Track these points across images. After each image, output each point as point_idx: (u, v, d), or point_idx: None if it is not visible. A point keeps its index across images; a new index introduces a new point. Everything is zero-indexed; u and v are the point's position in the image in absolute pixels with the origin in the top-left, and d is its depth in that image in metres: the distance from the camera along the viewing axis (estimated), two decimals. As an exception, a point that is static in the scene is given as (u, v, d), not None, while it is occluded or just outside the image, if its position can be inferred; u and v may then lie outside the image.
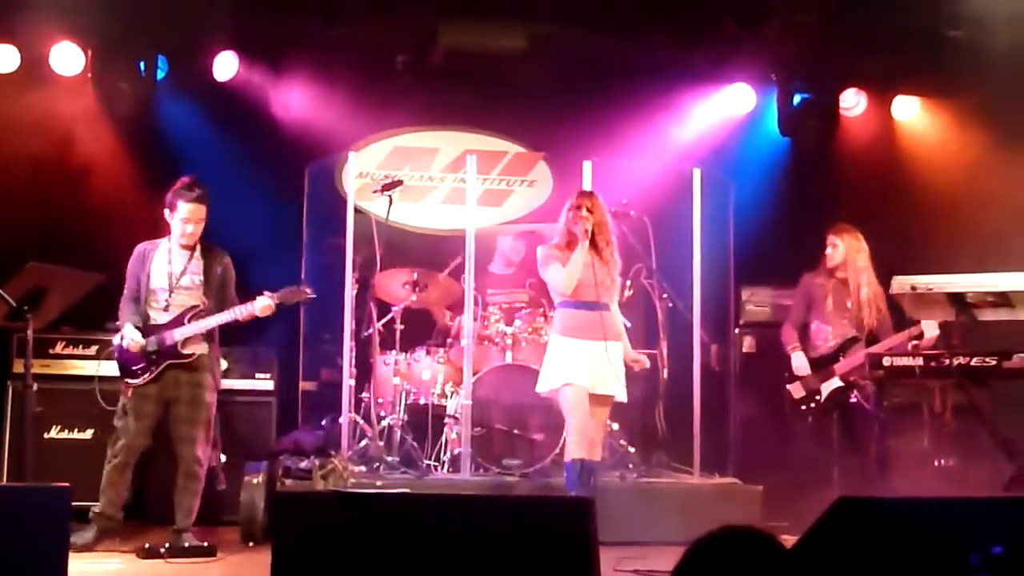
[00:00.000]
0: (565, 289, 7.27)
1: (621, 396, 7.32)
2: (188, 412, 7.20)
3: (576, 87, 9.77)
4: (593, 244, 7.30)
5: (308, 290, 7.44)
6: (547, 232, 9.13)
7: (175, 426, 7.23)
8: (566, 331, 7.30)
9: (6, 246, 6.84)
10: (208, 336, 7.32)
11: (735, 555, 2.79)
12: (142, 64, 9.06)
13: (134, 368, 7.14)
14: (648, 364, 7.87)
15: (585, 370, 7.18)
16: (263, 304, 7.23)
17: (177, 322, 7.19)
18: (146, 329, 7.17)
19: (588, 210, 7.30)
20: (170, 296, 7.24)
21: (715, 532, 2.86)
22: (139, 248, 7.35)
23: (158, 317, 7.23)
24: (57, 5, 8.25)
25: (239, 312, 7.24)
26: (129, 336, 7.11)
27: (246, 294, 7.42)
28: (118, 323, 7.26)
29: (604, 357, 7.20)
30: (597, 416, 7.28)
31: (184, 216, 7.24)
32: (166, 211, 7.29)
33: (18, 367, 8.10)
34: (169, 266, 7.28)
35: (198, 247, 7.37)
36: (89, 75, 9.05)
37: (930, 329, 7.73)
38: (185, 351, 7.20)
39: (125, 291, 7.29)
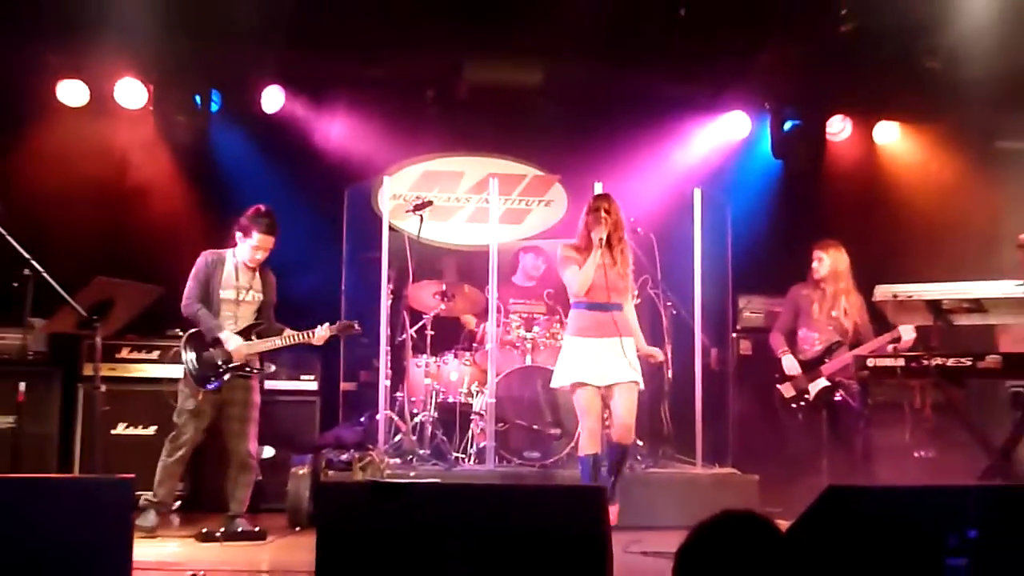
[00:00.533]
0: (579, 290, 7.08)
1: (637, 379, 7.06)
2: (241, 412, 7.23)
3: (587, 116, 9.77)
4: (608, 246, 7.10)
5: (357, 326, 7.50)
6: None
7: (229, 424, 7.24)
8: (578, 331, 7.11)
9: (77, 262, 6.86)
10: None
11: (735, 536, 2.81)
12: (198, 98, 9.10)
13: (209, 376, 7.13)
14: (663, 357, 7.81)
15: (597, 368, 6.99)
16: (321, 334, 7.29)
17: (244, 336, 7.21)
18: (215, 341, 7.16)
19: (606, 211, 7.09)
20: (237, 309, 7.26)
21: (717, 515, 2.90)
22: (208, 256, 7.32)
23: (236, 336, 7.21)
24: (121, 45, 8.27)
25: (301, 337, 7.28)
26: (236, 345, 7.12)
27: (292, 304, 7.44)
28: (207, 331, 7.18)
29: (618, 351, 6.98)
30: (625, 402, 7.02)
31: (255, 244, 7.26)
32: (238, 233, 7.29)
33: (88, 370, 8.16)
34: (236, 281, 7.29)
35: (258, 270, 7.39)
36: (150, 108, 9.11)
37: (907, 332, 7.74)
38: (252, 365, 7.24)
39: (194, 295, 7.21)
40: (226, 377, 7.15)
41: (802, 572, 2.77)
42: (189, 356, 7.19)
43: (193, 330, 7.23)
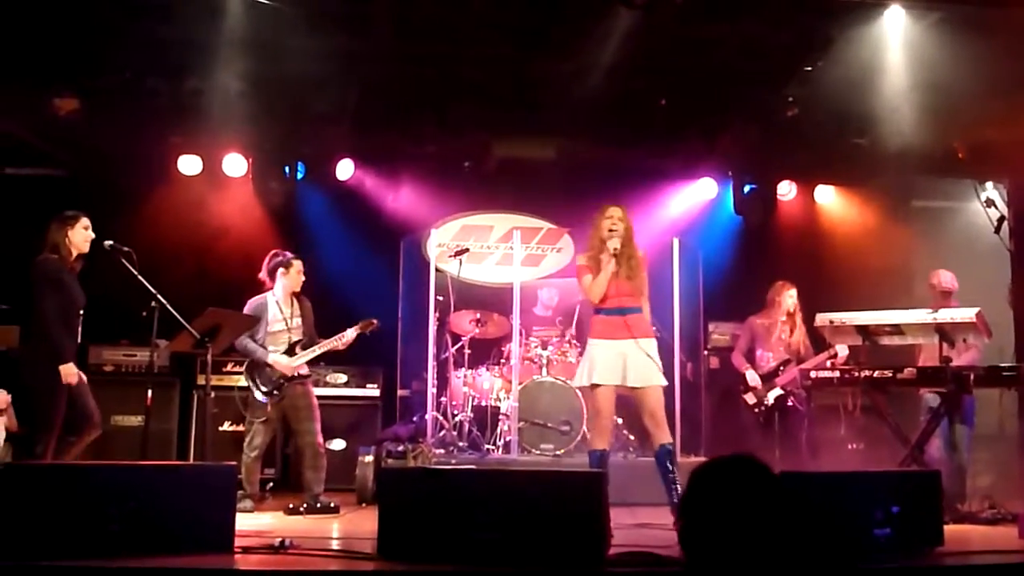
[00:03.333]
0: (593, 299, 6.12)
1: (660, 380, 6.03)
2: (307, 414, 7.12)
3: (590, 182, 9.75)
4: (620, 254, 6.13)
5: (375, 321, 7.36)
6: (569, 287, 9.24)
7: (300, 425, 7.13)
8: (596, 334, 6.13)
9: (191, 297, 6.89)
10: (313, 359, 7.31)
11: (732, 474, 2.54)
12: (287, 168, 9.16)
13: (272, 391, 7.07)
14: None
15: (614, 369, 6.00)
16: (348, 338, 7.21)
17: (290, 352, 7.14)
18: (265, 364, 7.09)
19: (619, 219, 6.19)
20: (289, 335, 7.19)
21: (714, 458, 2.64)
22: (255, 302, 7.19)
23: (278, 351, 7.15)
24: (228, 126, 8.33)
25: (336, 341, 7.20)
26: (284, 363, 7.07)
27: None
28: (255, 357, 7.08)
29: (636, 352, 5.99)
30: (652, 403, 5.99)
31: (299, 269, 7.24)
32: (280, 270, 7.19)
33: (200, 380, 8.16)
34: (282, 314, 7.20)
35: (293, 297, 7.30)
36: (250, 176, 9.17)
37: (842, 350, 7.71)
38: (301, 372, 7.20)
39: (245, 335, 7.07)
40: (282, 389, 7.08)
41: (790, 507, 2.50)
42: (253, 383, 7.10)
43: (249, 360, 7.17)
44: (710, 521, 2.52)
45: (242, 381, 7.92)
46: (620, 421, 8.56)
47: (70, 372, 6.02)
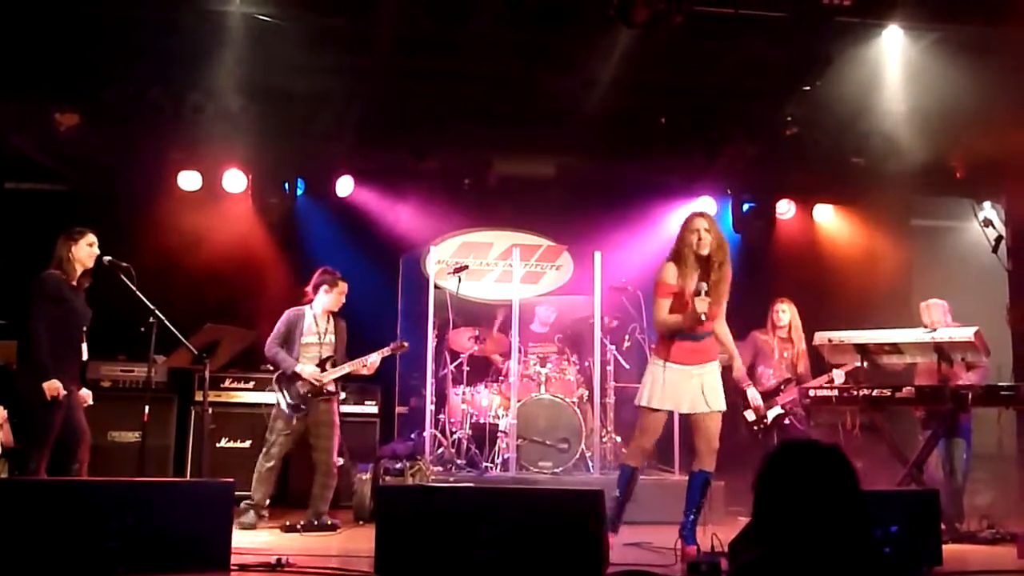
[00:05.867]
0: (661, 333, 5.81)
1: (721, 406, 5.86)
2: (327, 431, 7.13)
3: (589, 200, 9.82)
4: (706, 271, 5.67)
5: (406, 344, 7.49)
6: (567, 303, 9.24)
7: (318, 441, 7.12)
8: (669, 356, 5.81)
9: (190, 312, 6.90)
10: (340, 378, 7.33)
11: (806, 458, 2.54)
12: (287, 185, 9.17)
13: (299, 404, 7.06)
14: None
15: (680, 396, 5.80)
16: (374, 360, 7.24)
17: (320, 368, 7.14)
18: (294, 375, 7.08)
19: (706, 230, 5.71)
20: (320, 350, 7.20)
21: (786, 442, 2.66)
22: (290, 313, 7.23)
23: (308, 365, 7.16)
24: (229, 142, 8.35)
25: (364, 361, 7.23)
26: (313, 374, 7.06)
27: (360, 346, 7.43)
28: (284, 368, 7.09)
29: (705, 376, 5.81)
30: (712, 428, 5.82)
31: (341, 290, 7.26)
32: (322, 286, 7.23)
33: (198, 396, 8.15)
34: (317, 328, 7.23)
35: (331, 314, 7.34)
36: (249, 192, 9.17)
37: (839, 377, 7.71)
38: (328, 389, 7.21)
39: (275, 341, 7.13)
40: (310, 403, 7.08)
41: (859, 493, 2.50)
42: (281, 394, 7.10)
43: (278, 372, 7.17)
44: (784, 496, 2.56)
45: (241, 397, 7.93)
46: (619, 440, 8.58)
47: (52, 388, 5.91)
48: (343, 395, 7.83)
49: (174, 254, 8.76)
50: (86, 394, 6.36)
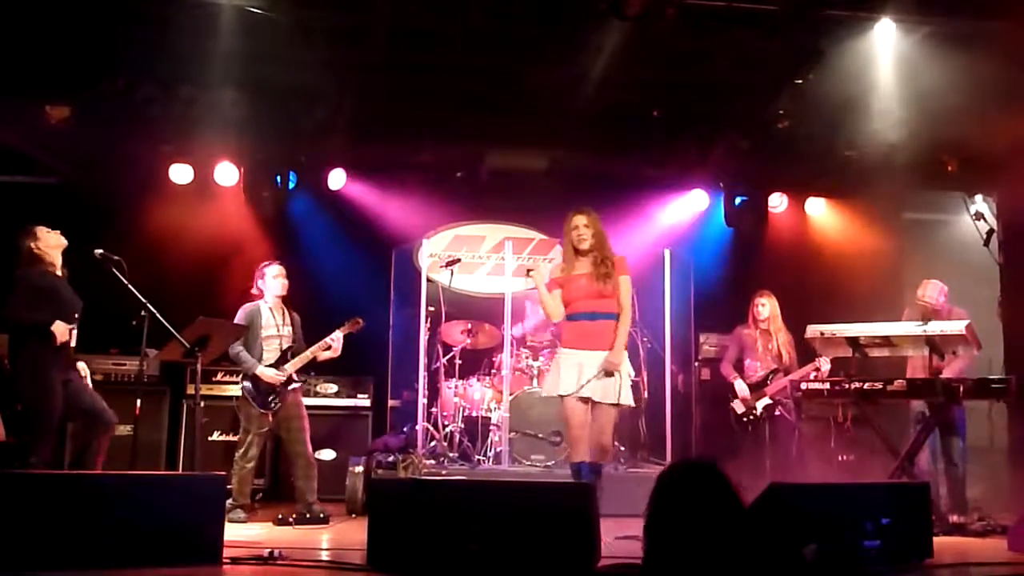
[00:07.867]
0: (552, 318, 6.14)
1: (612, 399, 5.79)
2: (298, 424, 7.12)
3: (582, 193, 9.66)
4: (594, 264, 5.99)
5: (360, 320, 7.35)
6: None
7: (291, 435, 7.13)
8: (563, 342, 5.99)
9: (182, 306, 6.87)
10: (302, 367, 7.29)
11: (692, 477, 2.57)
12: (278, 178, 9.13)
13: (269, 400, 7.07)
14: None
15: (573, 379, 5.79)
16: (337, 338, 7.18)
17: (283, 359, 7.15)
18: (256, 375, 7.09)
19: (585, 226, 6.06)
20: (280, 343, 7.20)
21: (676, 463, 2.73)
22: (248, 309, 7.21)
23: (270, 359, 7.15)
24: (220, 135, 8.32)
25: (326, 342, 7.17)
26: (272, 375, 7.05)
27: (353, 340, 7.39)
28: (245, 368, 7.08)
29: (590, 366, 5.81)
30: (595, 420, 5.80)
31: (275, 273, 7.25)
32: (260, 280, 7.25)
33: (190, 390, 8.17)
34: (274, 320, 7.22)
35: (283, 306, 7.32)
36: (241, 185, 9.15)
37: (824, 364, 7.80)
38: (293, 377, 7.19)
39: (239, 342, 7.07)
40: (281, 398, 7.08)
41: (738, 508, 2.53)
42: (247, 384, 7.10)
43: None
44: (670, 521, 2.62)
45: (233, 390, 7.91)
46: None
47: (60, 329, 6.01)
48: (334, 388, 7.82)
49: (166, 247, 8.75)
50: (82, 367, 6.43)
